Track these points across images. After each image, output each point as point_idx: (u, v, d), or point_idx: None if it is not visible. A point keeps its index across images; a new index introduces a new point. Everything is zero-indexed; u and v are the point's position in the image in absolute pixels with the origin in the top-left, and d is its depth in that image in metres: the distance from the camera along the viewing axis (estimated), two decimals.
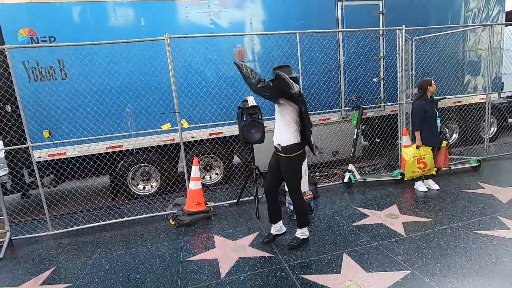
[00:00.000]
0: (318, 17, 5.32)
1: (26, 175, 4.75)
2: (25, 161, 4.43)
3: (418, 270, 2.25)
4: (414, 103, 3.92)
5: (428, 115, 3.79)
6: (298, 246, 2.75)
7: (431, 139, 3.86)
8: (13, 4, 4.22)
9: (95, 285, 2.46)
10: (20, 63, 4.30)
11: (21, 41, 4.31)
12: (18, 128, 4.41)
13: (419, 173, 3.96)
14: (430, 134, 3.85)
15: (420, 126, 3.83)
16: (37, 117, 4.33)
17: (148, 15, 4.59)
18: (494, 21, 6.54)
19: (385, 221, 3.14)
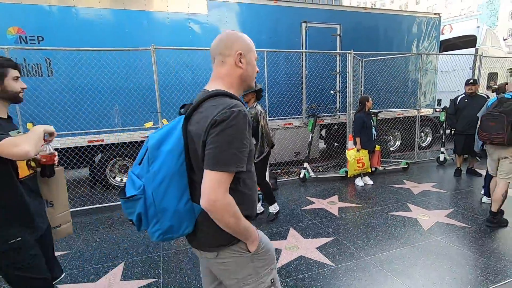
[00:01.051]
0: (285, 35, 6.15)
1: None
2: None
3: (341, 237, 3.10)
4: (356, 115, 4.87)
5: (366, 125, 4.76)
6: (274, 219, 3.59)
7: (367, 144, 4.83)
8: (3, 4, 4.52)
9: (90, 251, 3.01)
10: None
11: (10, 38, 4.61)
12: None
13: (358, 171, 4.91)
14: (367, 140, 4.82)
15: (359, 133, 4.79)
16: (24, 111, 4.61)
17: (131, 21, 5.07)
18: (431, 48, 7.84)
19: (326, 206, 4.00)
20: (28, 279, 1.44)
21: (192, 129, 1.02)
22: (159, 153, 1.02)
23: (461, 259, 2.61)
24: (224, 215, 0.97)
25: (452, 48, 9.39)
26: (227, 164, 0.95)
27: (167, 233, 1.05)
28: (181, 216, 1.04)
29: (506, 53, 10.18)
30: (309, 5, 6.49)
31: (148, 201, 1.03)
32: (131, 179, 1.09)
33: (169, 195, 1.02)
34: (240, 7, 5.80)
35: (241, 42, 1.15)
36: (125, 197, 1.05)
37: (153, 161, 1.02)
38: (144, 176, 1.04)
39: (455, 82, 7.80)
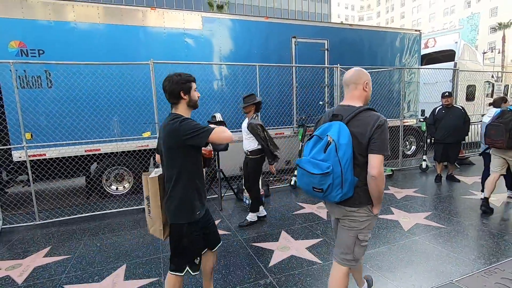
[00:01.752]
0: (276, 50, 6.50)
1: (4, 174, 5.13)
2: (5, 161, 4.84)
3: (328, 238, 3.35)
4: None
5: None
6: (246, 226, 3.76)
7: None
8: (5, 19, 4.71)
9: (92, 256, 3.16)
10: (8, 71, 4.75)
11: (11, 52, 4.79)
12: (1, 131, 4.81)
13: None
14: None
15: None
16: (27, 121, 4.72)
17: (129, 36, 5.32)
18: (413, 61, 8.34)
19: (315, 211, 4.25)
20: (192, 247, 1.86)
21: (354, 130, 1.64)
22: (340, 145, 1.60)
23: (435, 255, 2.89)
24: (382, 181, 1.63)
25: (433, 61, 9.97)
26: (386, 150, 1.61)
27: (344, 196, 1.64)
28: (351, 185, 1.64)
29: (483, 66, 10.84)
30: (298, 22, 6.90)
31: (335, 176, 1.59)
32: (314, 163, 1.64)
33: (348, 171, 1.61)
34: (233, 23, 6.14)
35: (365, 75, 1.81)
36: (320, 173, 1.60)
37: (341, 149, 1.59)
38: (331, 160, 1.59)
39: (437, 94, 8.28)
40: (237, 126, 5.99)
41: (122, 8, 5.33)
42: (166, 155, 1.80)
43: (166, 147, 1.79)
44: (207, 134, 1.70)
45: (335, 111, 1.78)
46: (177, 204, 1.79)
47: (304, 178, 1.70)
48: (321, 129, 1.72)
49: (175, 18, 5.62)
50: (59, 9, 4.93)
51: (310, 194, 1.72)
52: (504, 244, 3.09)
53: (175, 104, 1.87)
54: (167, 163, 1.81)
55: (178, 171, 1.78)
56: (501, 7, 43.69)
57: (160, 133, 1.90)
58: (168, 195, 1.81)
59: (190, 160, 1.80)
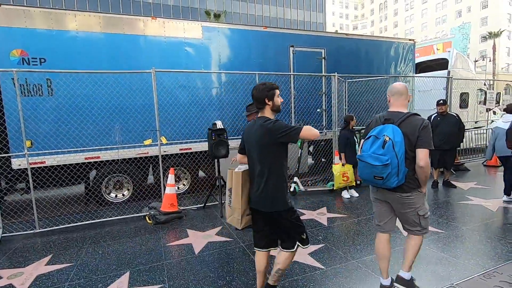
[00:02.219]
0: (274, 58, 6.62)
1: (3, 182, 5.10)
2: (6, 169, 4.83)
3: (330, 244, 3.39)
4: (340, 132, 5.28)
5: (350, 141, 5.17)
6: None
7: (351, 159, 5.22)
8: (8, 28, 4.76)
9: (94, 263, 3.15)
10: (10, 80, 4.78)
11: (13, 60, 4.82)
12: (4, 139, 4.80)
13: (343, 184, 5.26)
14: (351, 155, 5.21)
15: (344, 149, 5.18)
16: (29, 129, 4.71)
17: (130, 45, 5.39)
18: (408, 69, 8.53)
19: (315, 217, 4.29)
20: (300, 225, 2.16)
21: (405, 131, 2.11)
22: (396, 142, 2.06)
23: (435, 260, 2.94)
24: (428, 169, 2.13)
25: (427, 69, 10.19)
26: (430, 145, 2.10)
27: (399, 182, 2.10)
28: (404, 174, 2.10)
29: (475, 74, 11.10)
30: (296, 31, 7.05)
31: (392, 166, 2.05)
32: (375, 157, 2.10)
33: (402, 163, 2.08)
34: (232, 32, 6.26)
35: (407, 88, 2.31)
36: (381, 164, 2.06)
37: (397, 145, 2.06)
38: (389, 154, 2.05)
39: (431, 101, 8.45)
40: (236, 133, 6.06)
41: (123, 18, 5.43)
42: (259, 153, 2.06)
43: (260, 145, 2.05)
44: (298, 131, 1.96)
45: (386, 116, 2.26)
46: (274, 194, 2.04)
47: (366, 169, 2.17)
48: (376, 130, 2.19)
49: (175, 27, 5.72)
50: (61, 18, 5.00)
51: (371, 181, 2.21)
52: (502, 248, 3.16)
53: (261, 109, 2.14)
54: (260, 160, 2.06)
55: (272, 166, 2.04)
56: (491, 16, 44.89)
57: (246, 135, 2.19)
58: (263, 188, 2.05)
59: (280, 155, 2.07)
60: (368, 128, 2.37)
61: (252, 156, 2.12)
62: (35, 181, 4.89)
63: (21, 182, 5.14)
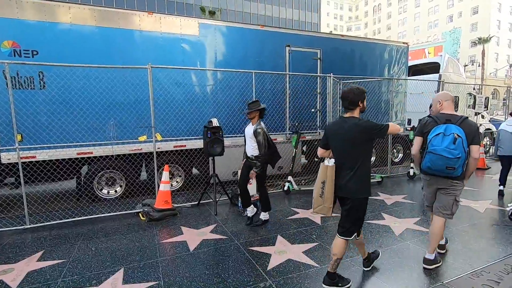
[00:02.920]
0: (271, 57, 6.63)
1: None
2: None
3: (324, 242, 3.44)
4: None
5: None
6: (261, 225, 3.92)
7: None
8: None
9: (88, 260, 3.12)
10: (0, 72, 4.66)
11: (4, 52, 4.70)
12: None
13: None
14: None
15: None
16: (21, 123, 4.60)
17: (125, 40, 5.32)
18: (401, 72, 8.66)
19: (309, 216, 4.34)
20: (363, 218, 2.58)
21: (465, 130, 2.53)
22: (463, 139, 2.49)
23: None
24: (477, 162, 2.62)
25: (419, 72, 10.37)
26: (479, 142, 2.60)
27: (461, 172, 2.58)
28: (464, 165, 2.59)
29: (465, 79, 11.37)
30: (292, 31, 7.08)
31: (462, 159, 2.50)
32: (449, 151, 2.49)
33: (466, 157, 2.54)
34: (229, 30, 6.24)
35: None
36: (455, 157, 2.48)
37: (464, 142, 2.49)
38: (459, 149, 2.48)
39: (423, 104, 8.62)
40: (232, 131, 6.06)
41: (119, 12, 5.35)
42: (351, 147, 2.36)
43: (354, 141, 2.35)
44: (387, 128, 2.35)
45: (446, 117, 2.67)
46: (362, 183, 2.37)
47: (440, 161, 2.55)
48: (442, 128, 2.59)
49: (172, 23, 5.67)
50: (55, 10, 4.90)
51: (442, 171, 2.60)
52: (489, 248, 3.26)
53: (351, 109, 2.43)
54: (351, 154, 2.37)
55: (362, 158, 2.36)
56: (481, 22, 45.89)
57: (333, 132, 2.46)
58: (352, 177, 2.35)
59: (370, 149, 2.43)
60: (424, 126, 2.78)
61: (341, 150, 2.41)
62: (25, 176, 4.79)
63: (11, 177, 5.03)
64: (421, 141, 2.83)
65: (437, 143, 2.55)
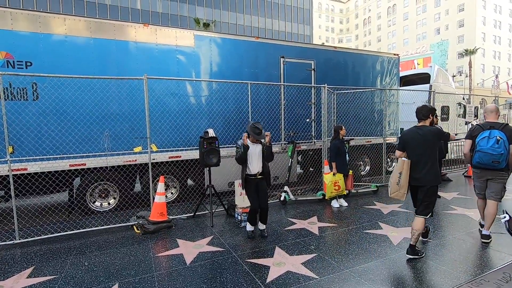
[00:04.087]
0: (265, 68, 6.71)
1: None
2: None
3: (322, 253, 3.40)
4: (331, 142, 5.37)
5: (340, 151, 5.26)
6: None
7: (342, 168, 5.31)
8: None
9: (80, 275, 3.02)
10: None
11: None
12: None
13: (335, 193, 5.31)
14: (342, 165, 5.30)
15: (335, 159, 5.27)
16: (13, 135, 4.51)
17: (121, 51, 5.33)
18: (393, 82, 8.83)
19: (307, 226, 4.30)
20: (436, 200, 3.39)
21: (506, 134, 3.34)
22: (505, 140, 3.31)
23: (424, 268, 3.01)
24: None
25: (410, 83, 10.59)
26: None
27: (505, 165, 3.37)
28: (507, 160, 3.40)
29: (455, 89, 11.64)
30: (287, 43, 7.20)
31: (504, 155, 3.31)
32: (494, 149, 3.31)
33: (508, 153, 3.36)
34: (224, 42, 6.31)
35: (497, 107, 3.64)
36: (499, 153, 3.30)
37: (505, 142, 3.31)
38: (502, 147, 3.30)
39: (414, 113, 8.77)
40: (227, 141, 6.04)
41: (115, 24, 5.37)
42: (426, 148, 3.16)
43: (429, 143, 3.17)
44: (449, 135, 3.38)
45: (490, 124, 3.46)
46: (436, 174, 3.17)
47: (486, 157, 3.36)
48: (486, 133, 3.38)
49: (167, 35, 5.72)
50: (50, 22, 4.90)
51: (489, 165, 3.39)
52: (487, 256, 3.27)
53: (423, 119, 3.29)
54: (425, 153, 3.16)
55: (434, 155, 3.19)
56: (467, 35, 47.46)
57: (410, 138, 3.25)
58: (428, 171, 3.15)
59: (437, 149, 3.27)
60: (473, 131, 3.57)
61: (419, 150, 3.19)
62: (16, 189, 4.67)
63: (1, 190, 4.89)
64: (470, 143, 3.59)
65: (484, 144, 3.38)
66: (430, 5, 53.36)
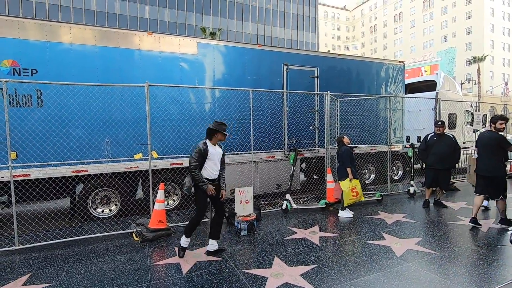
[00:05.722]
0: (268, 75, 6.70)
1: None
2: None
3: (322, 264, 3.30)
4: (342, 148, 5.29)
5: (353, 157, 5.22)
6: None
7: (355, 174, 5.23)
8: (1, 38, 4.70)
9: (75, 283, 2.98)
10: None
11: (3, 70, 4.74)
12: None
13: (353, 200, 5.20)
14: (355, 170, 5.23)
15: (349, 164, 5.18)
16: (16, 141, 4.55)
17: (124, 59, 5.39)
18: (398, 90, 8.73)
19: (307, 236, 4.21)
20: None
21: None
22: None
23: (428, 282, 2.89)
24: None
25: (416, 90, 10.47)
26: None
27: None
28: None
29: (462, 96, 11.46)
30: (290, 50, 7.20)
31: None
32: None
33: None
34: (227, 49, 6.34)
35: None
36: None
37: None
38: None
39: (421, 121, 8.65)
40: (229, 149, 6.02)
41: (119, 32, 5.45)
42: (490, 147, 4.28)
43: (491, 144, 4.27)
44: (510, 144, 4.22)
45: None
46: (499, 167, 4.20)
47: None
48: None
49: (171, 43, 5.77)
50: (56, 30, 4.99)
51: None
52: (494, 270, 3.13)
53: (491, 125, 4.35)
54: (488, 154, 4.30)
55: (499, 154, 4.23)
56: (475, 42, 47.04)
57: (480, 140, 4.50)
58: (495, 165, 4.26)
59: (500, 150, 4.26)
60: None
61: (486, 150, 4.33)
62: (17, 195, 4.69)
63: (2, 195, 4.93)
64: None
65: None
66: (437, 12, 53.23)
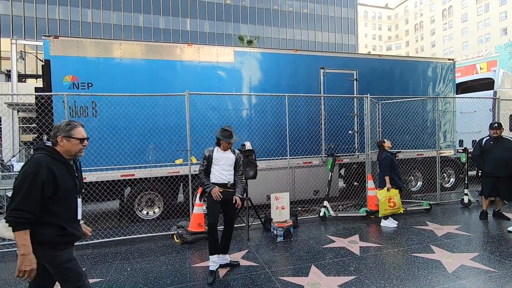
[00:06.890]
0: (304, 80, 6.64)
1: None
2: None
3: (362, 276, 3.13)
4: (383, 154, 5.00)
5: (394, 164, 4.90)
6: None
7: (396, 183, 4.90)
8: (63, 57, 5.30)
9: (123, 280, 3.21)
10: (61, 102, 5.25)
11: (65, 85, 5.33)
12: None
13: (390, 211, 4.88)
14: (396, 179, 4.91)
15: (388, 172, 4.88)
16: None
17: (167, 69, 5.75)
18: (448, 90, 8.05)
19: (347, 245, 4.03)
20: None
21: None
22: None
23: None
24: None
25: (470, 90, 9.54)
26: None
27: None
28: None
29: None
30: (326, 53, 7.09)
31: None
32: None
33: None
34: (263, 56, 6.43)
35: None
36: None
37: None
38: None
39: (476, 123, 7.83)
40: (266, 154, 6.04)
41: (163, 45, 5.84)
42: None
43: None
44: None
45: None
46: None
47: None
48: None
49: (209, 52, 6.02)
50: (109, 47, 5.51)
51: None
52: None
53: None
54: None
55: None
56: None
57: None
58: None
59: None
60: None
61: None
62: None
63: None
64: None
65: None
66: (494, 3, 48.31)
